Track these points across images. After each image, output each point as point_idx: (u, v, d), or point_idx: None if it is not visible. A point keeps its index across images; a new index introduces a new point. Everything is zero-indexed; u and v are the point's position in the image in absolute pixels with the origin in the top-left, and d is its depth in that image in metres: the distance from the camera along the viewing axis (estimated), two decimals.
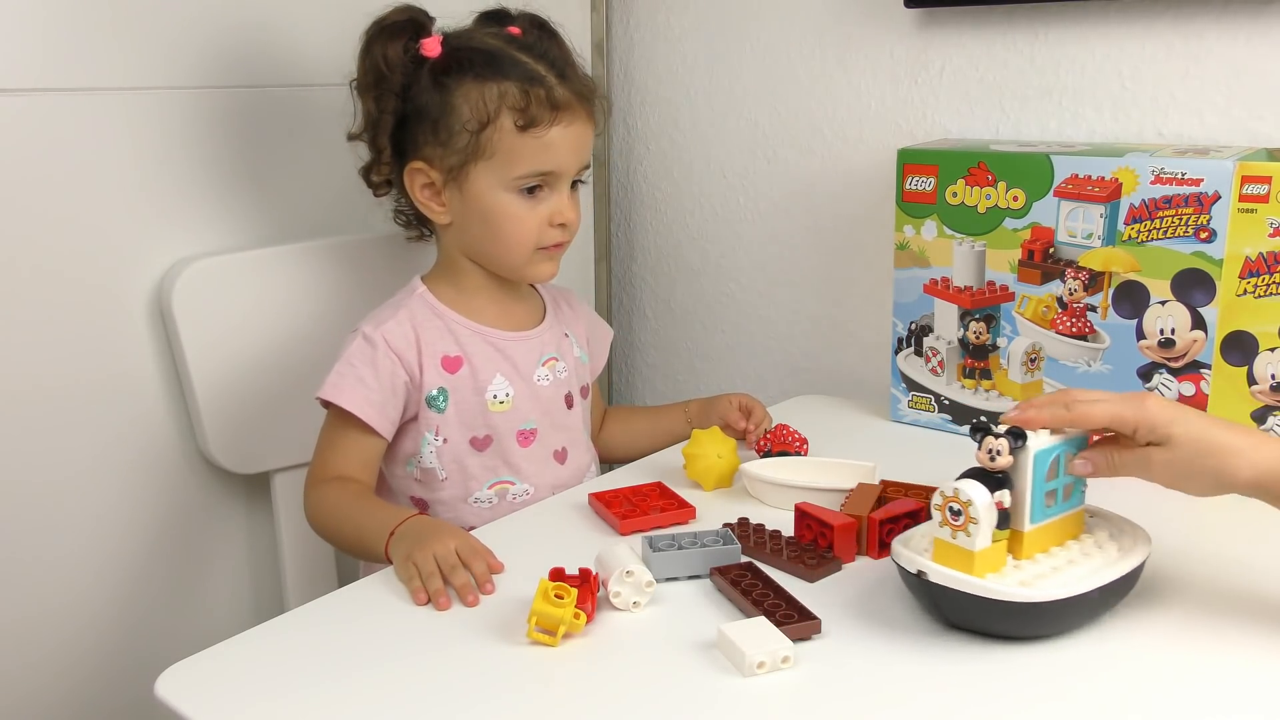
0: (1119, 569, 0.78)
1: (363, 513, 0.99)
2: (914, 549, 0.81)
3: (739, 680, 0.74)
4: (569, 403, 1.12)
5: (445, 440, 1.06)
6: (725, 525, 0.95)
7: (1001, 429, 0.78)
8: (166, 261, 1.14)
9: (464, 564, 0.86)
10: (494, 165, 1.01)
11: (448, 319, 1.07)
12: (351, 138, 1.07)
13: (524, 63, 1.01)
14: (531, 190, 1.03)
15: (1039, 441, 0.78)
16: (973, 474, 0.78)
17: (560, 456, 1.11)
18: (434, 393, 1.05)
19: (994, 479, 0.78)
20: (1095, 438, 0.82)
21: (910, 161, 1.17)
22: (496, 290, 1.10)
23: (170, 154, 1.13)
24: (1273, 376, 1.02)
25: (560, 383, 1.11)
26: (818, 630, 0.78)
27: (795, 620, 0.78)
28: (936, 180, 1.16)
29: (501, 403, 1.06)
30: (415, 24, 1.03)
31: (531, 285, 1.15)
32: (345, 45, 1.06)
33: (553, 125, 1.01)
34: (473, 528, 1.00)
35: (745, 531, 0.94)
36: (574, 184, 1.07)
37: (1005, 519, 0.79)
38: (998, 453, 0.78)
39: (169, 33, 1.12)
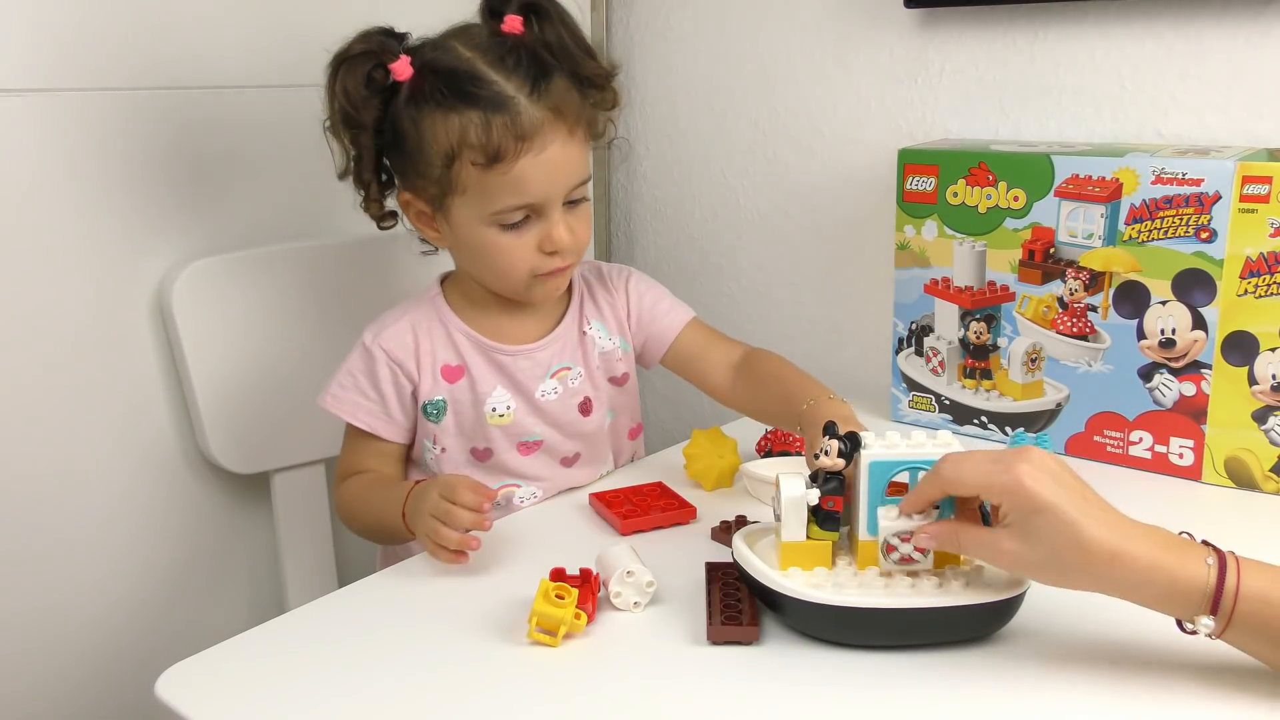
0: (925, 601, 0.75)
1: (375, 499, 1.00)
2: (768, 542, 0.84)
3: (740, 681, 0.74)
4: (586, 409, 1.07)
5: (444, 450, 1.04)
6: (723, 522, 0.95)
7: (842, 431, 0.79)
8: (166, 261, 1.14)
9: (453, 503, 0.88)
10: (468, 201, 0.96)
11: (452, 326, 1.04)
12: (341, 177, 1.00)
13: (491, 83, 0.93)
14: (514, 224, 0.96)
15: (875, 452, 0.78)
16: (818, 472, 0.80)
17: (569, 461, 1.08)
18: (430, 402, 1.03)
19: (828, 479, 0.79)
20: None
21: (911, 161, 1.17)
22: (506, 303, 1.05)
23: (170, 154, 1.13)
24: (1273, 377, 1.02)
25: (571, 392, 1.06)
26: (750, 639, 0.78)
27: (734, 623, 0.78)
28: (937, 180, 1.16)
29: (501, 416, 1.03)
30: (373, 55, 0.94)
31: None
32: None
33: (520, 157, 0.93)
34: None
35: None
36: (574, 202, 0.99)
37: (830, 520, 0.79)
38: (825, 452, 0.78)
39: (170, 33, 1.12)
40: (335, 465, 1.09)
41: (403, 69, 0.94)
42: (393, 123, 0.96)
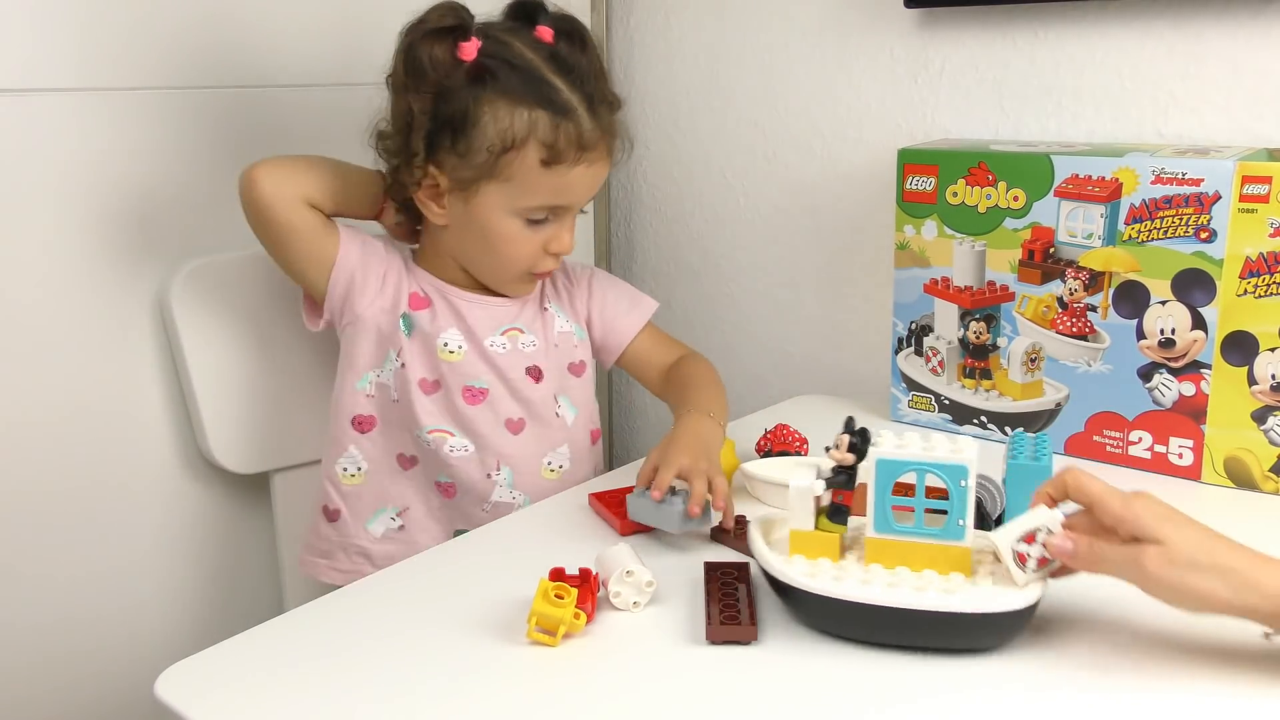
0: (917, 603, 0.74)
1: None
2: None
3: (739, 681, 0.74)
4: (535, 376, 1.11)
5: (403, 365, 1.07)
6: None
7: (857, 426, 0.80)
8: (166, 261, 1.14)
9: None
10: (507, 190, 1.00)
11: (415, 273, 1.09)
12: (384, 137, 1.05)
13: (559, 89, 0.99)
14: (537, 219, 1.03)
15: (885, 450, 0.78)
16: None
17: (514, 426, 1.10)
18: (407, 315, 1.07)
19: (838, 472, 0.80)
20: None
21: (910, 161, 1.17)
22: (475, 281, 1.10)
23: (170, 154, 1.13)
24: (1273, 377, 1.02)
25: (520, 354, 1.10)
26: (750, 639, 0.78)
27: (733, 623, 0.78)
28: (937, 180, 1.16)
29: (453, 353, 1.07)
30: (462, 29, 0.99)
31: None
32: (346, 46, 1.06)
33: (576, 164, 1.00)
34: (415, 459, 1.08)
35: (744, 530, 0.94)
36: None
37: (839, 514, 0.80)
38: (836, 445, 0.79)
39: (169, 33, 1.12)
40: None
41: (470, 50, 0.98)
42: (446, 99, 0.99)
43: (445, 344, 1.07)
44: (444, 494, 1.10)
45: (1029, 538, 0.75)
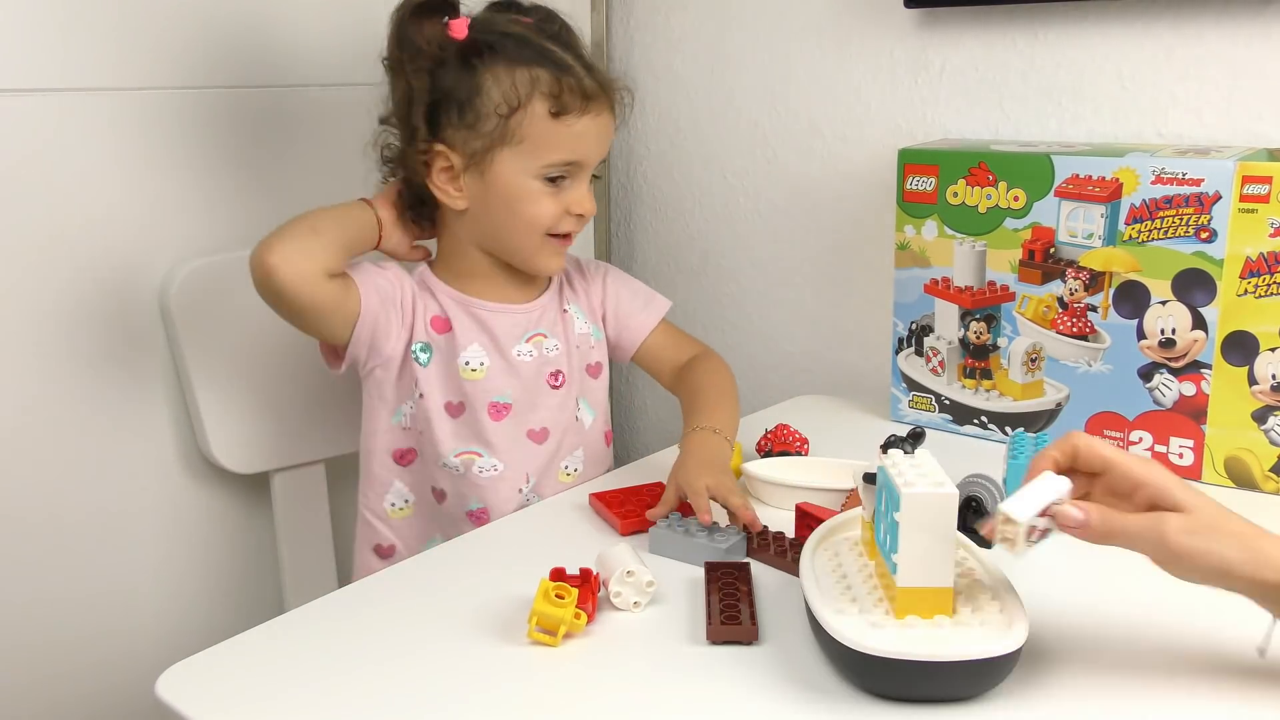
0: (819, 611, 0.72)
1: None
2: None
3: (740, 681, 0.74)
4: (557, 382, 1.11)
5: (422, 395, 1.06)
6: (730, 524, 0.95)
7: (915, 432, 0.79)
8: (166, 261, 1.14)
9: None
10: (522, 151, 1.01)
11: (438, 291, 1.09)
12: (384, 121, 1.06)
13: (553, 50, 1.01)
14: (554, 179, 1.03)
15: (885, 461, 0.74)
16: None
17: (538, 436, 1.10)
18: (420, 345, 1.06)
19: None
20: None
21: (911, 161, 1.17)
22: (498, 272, 1.09)
23: (170, 154, 1.13)
24: (1273, 376, 1.02)
25: (545, 360, 1.10)
26: (750, 639, 0.78)
27: (733, 623, 0.78)
28: (937, 180, 1.16)
29: (475, 370, 1.06)
30: (450, 5, 1.02)
31: None
32: (346, 46, 1.06)
33: (583, 115, 1.02)
34: (443, 493, 1.06)
35: (744, 531, 0.94)
36: (591, 178, 1.08)
37: None
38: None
39: (169, 33, 1.12)
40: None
41: (460, 28, 1.01)
42: (443, 76, 1.01)
43: (467, 363, 1.06)
44: (477, 523, 1.07)
45: (1047, 511, 0.68)
